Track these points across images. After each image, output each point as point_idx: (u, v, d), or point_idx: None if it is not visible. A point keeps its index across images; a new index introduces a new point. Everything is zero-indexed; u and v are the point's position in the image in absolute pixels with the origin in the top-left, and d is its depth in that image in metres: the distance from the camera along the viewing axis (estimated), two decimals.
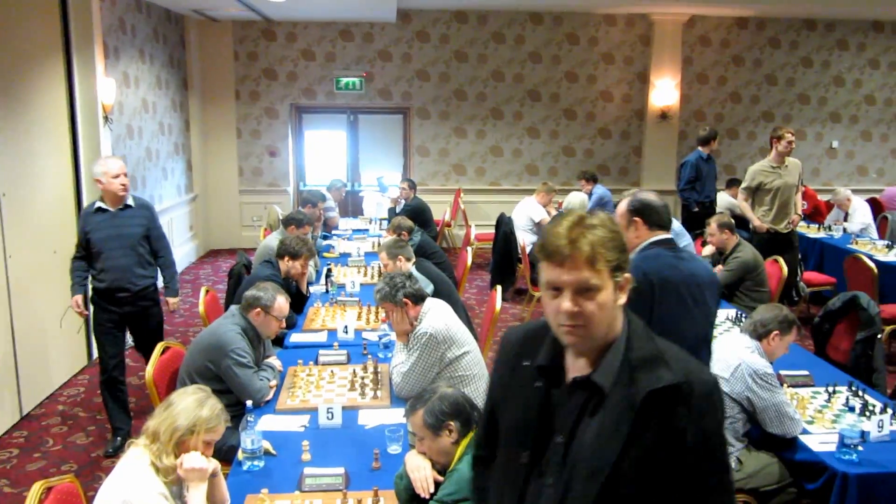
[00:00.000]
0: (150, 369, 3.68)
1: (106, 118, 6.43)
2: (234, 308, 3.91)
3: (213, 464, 2.55)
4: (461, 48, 10.68)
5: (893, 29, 11.20)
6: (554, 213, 8.08)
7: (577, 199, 8.34)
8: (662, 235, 2.92)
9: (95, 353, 6.38)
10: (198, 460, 2.48)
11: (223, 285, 7.30)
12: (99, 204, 4.62)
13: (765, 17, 10.88)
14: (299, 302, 5.22)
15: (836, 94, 11.34)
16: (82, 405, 5.44)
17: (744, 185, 6.84)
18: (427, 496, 2.51)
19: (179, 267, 9.55)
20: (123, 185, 4.55)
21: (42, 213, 5.56)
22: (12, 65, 5.19)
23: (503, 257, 7.88)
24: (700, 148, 8.16)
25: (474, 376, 3.64)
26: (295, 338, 4.58)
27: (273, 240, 5.79)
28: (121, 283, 4.62)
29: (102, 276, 4.64)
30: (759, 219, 6.69)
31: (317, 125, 11.16)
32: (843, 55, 11.22)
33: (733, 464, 3.34)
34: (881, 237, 8.39)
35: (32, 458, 4.67)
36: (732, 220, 5.98)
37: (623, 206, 3.00)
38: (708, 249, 6.14)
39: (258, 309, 3.80)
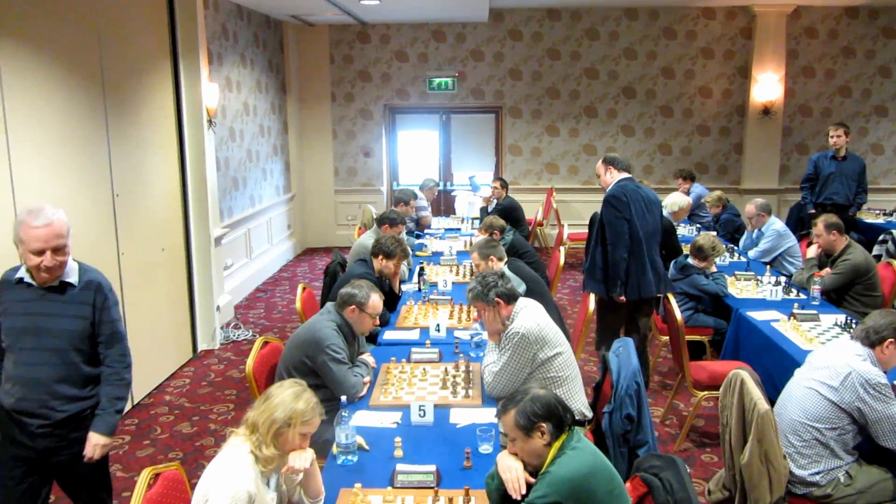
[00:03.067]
0: (250, 363, 3.81)
1: (210, 121, 6.70)
2: (329, 305, 3.99)
3: (310, 454, 2.62)
4: (554, 46, 10.58)
5: None
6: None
7: (679, 199, 7.46)
8: (626, 175, 5.08)
9: (200, 346, 6.65)
10: (302, 462, 2.60)
11: (319, 282, 7.49)
12: (23, 274, 2.95)
13: (877, 5, 10.26)
14: (391, 300, 5.29)
15: None
16: (187, 396, 5.70)
17: None
18: (519, 497, 2.49)
19: (277, 265, 9.84)
20: (48, 268, 2.84)
21: (151, 212, 5.85)
22: (125, 72, 5.48)
23: None
24: None
25: (567, 377, 3.59)
26: (388, 335, 4.64)
27: (368, 238, 5.89)
28: (31, 405, 2.95)
29: (8, 387, 2.99)
30: None
31: (410, 125, 11.30)
32: None
33: (842, 478, 3.17)
34: None
35: (142, 444, 4.92)
36: (841, 221, 5.61)
37: (600, 161, 5.17)
38: (812, 251, 5.73)
39: (353, 306, 3.86)
